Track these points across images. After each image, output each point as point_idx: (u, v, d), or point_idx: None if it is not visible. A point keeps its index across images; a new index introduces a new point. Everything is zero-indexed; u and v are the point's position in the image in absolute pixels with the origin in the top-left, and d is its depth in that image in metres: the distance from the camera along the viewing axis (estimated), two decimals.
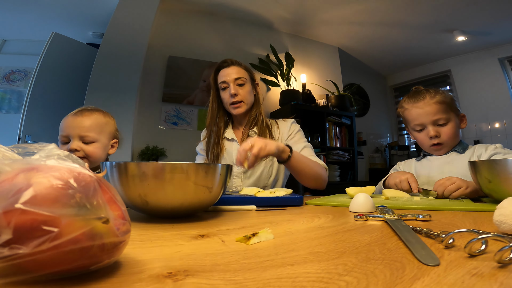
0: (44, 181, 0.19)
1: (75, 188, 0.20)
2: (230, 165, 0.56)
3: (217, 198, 0.53)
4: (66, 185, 0.20)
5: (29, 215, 0.17)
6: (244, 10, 3.06)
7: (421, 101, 1.01)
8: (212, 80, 1.21)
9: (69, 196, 0.19)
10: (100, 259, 0.20)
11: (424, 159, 1.08)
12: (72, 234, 0.18)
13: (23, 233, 0.17)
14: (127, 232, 0.23)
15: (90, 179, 0.21)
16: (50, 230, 0.18)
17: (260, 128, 1.16)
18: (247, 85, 1.16)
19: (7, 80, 3.18)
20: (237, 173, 1.15)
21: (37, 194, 0.18)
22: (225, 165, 0.52)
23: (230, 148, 1.18)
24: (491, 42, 3.51)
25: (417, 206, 0.62)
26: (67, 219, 0.18)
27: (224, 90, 1.16)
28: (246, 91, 1.15)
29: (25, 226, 0.17)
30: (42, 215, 0.18)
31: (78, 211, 0.19)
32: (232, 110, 1.15)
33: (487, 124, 3.67)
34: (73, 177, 0.20)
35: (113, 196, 0.23)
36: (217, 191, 0.51)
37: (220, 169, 0.50)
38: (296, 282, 0.21)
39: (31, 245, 0.17)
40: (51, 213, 0.18)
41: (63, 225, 0.18)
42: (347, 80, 3.89)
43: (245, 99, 1.14)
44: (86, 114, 0.97)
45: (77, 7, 2.87)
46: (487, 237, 0.27)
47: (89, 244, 0.19)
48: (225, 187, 0.54)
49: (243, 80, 1.15)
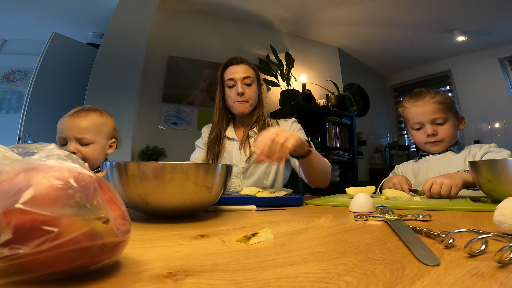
0: (44, 181, 0.19)
1: (75, 188, 0.20)
2: (230, 165, 0.56)
3: (217, 198, 0.53)
4: (66, 185, 0.20)
5: (29, 215, 0.17)
6: (244, 10, 3.06)
7: (421, 100, 1.03)
8: (219, 77, 1.19)
9: (69, 196, 0.19)
10: (100, 259, 0.20)
11: (421, 160, 1.09)
12: (72, 234, 0.18)
13: (23, 233, 0.17)
14: (127, 232, 0.23)
15: (90, 179, 0.21)
16: (50, 230, 0.18)
17: (261, 129, 1.14)
18: (253, 85, 1.15)
19: (7, 80, 3.18)
20: (236, 173, 1.14)
21: (37, 194, 0.18)
22: (225, 165, 0.52)
23: (230, 148, 1.18)
24: (491, 42, 3.51)
25: (417, 206, 0.62)
26: (67, 219, 0.18)
27: (231, 87, 1.15)
28: (253, 91, 1.15)
29: (25, 226, 0.17)
30: (42, 215, 0.18)
31: (78, 211, 0.19)
32: (236, 108, 1.13)
33: (487, 124, 3.67)
34: (73, 177, 0.20)
35: (113, 196, 0.23)
36: (217, 191, 0.51)
37: (220, 169, 0.50)
38: (296, 282, 0.21)
39: (31, 245, 0.17)
40: (51, 213, 0.18)
41: (63, 225, 0.18)
42: (347, 80, 3.89)
43: (250, 99, 1.14)
44: (83, 115, 0.96)
45: (77, 7, 2.87)
46: (487, 237, 0.27)
47: (89, 244, 0.19)
48: (225, 187, 0.54)
49: (251, 79, 1.14)
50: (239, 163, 1.15)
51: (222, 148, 1.16)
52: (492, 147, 0.97)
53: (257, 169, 1.15)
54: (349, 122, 3.30)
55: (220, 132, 1.17)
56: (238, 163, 1.15)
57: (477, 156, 0.97)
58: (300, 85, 3.26)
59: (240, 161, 1.15)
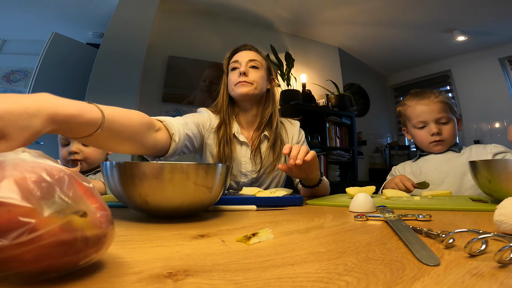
0: (17, 173, 0.19)
1: (48, 182, 0.20)
2: (230, 165, 0.56)
3: (217, 198, 0.53)
4: (39, 178, 0.20)
5: (6, 207, 0.17)
6: (244, 10, 3.06)
7: (426, 99, 1.03)
8: (225, 65, 1.02)
9: (43, 188, 0.19)
10: (87, 254, 0.20)
11: (420, 159, 1.09)
12: (49, 226, 0.18)
13: (0, 225, 0.17)
14: (110, 225, 0.23)
15: (62, 173, 0.21)
16: (27, 222, 0.18)
17: (274, 132, 0.99)
18: (261, 71, 0.97)
19: (7, 80, 3.18)
20: (245, 183, 1.00)
21: (11, 185, 0.18)
22: (225, 165, 0.52)
23: (240, 153, 0.99)
24: (491, 42, 3.51)
25: (417, 206, 0.62)
26: (43, 211, 0.18)
27: (234, 70, 0.97)
28: (259, 75, 0.96)
29: (2, 217, 0.17)
30: (18, 206, 0.18)
31: (53, 204, 0.19)
32: (237, 90, 0.94)
33: (487, 124, 3.67)
34: (45, 171, 0.20)
35: (89, 189, 0.23)
36: (217, 191, 0.51)
37: (220, 169, 0.50)
38: (296, 282, 0.21)
39: (10, 237, 0.17)
40: (26, 204, 0.18)
41: (39, 217, 0.18)
42: (347, 80, 3.89)
43: (255, 82, 0.94)
44: None
45: (77, 7, 2.87)
46: (487, 237, 0.27)
47: (69, 237, 0.19)
48: (225, 187, 0.54)
49: (258, 64, 0.96)
50: (249, 174, 0.99)
51: (233, 151, 0.96)
52: (499, 147, 0.96)
53: (267, 179, 1.01)
54: (349, 122, 3.31)
55: (229, 131, 0.97)
56: (248, 173, 0.99)
57: (484, 156, 0.95)
58: (300, 85, 3.26)
59: (251, 171, 0.99)
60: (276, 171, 1.01)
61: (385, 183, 1.01)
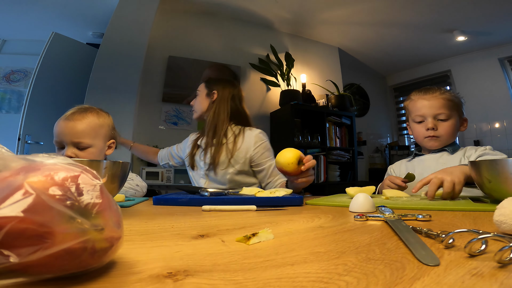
0: (42, 185, 0.19)
1: (73, 196, 0.19)
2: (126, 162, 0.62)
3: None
4: (65, 192, 0.19)
5: (24, 224, 0.17)
6: (244, 10, 3.06)
7: (429, 94, 1.02)
8: None
9: (67, 205, 0.19)
10: (89, 265, 0.20)
11: (416, 159, 1.09)
12: (66, 244, 0.18)
13: (15, 240, 0.17)
14: (119, 239, 0.22)
15: (92, 183, 0.21)
16: (44, 240, 0.17)
17: (218, 139, 1.22)
18: (201, 95, 1.31)
19: (7, 80, 3.17)
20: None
21: (33, 201, 0.17)
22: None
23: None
24: (491, 42, 3.51)
25: (417, 206, 0.62)
26: (63, 229, 0.18)
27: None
28: (198, 101, 1.32)
29: (18, 233, 0.17)
30: (37, 224, 0.17)
31: (75, 221, 0.19)
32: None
33: (487, 124, 3.67)
34: (73, 181, 0.20)
35: (110, 201, 0.23)
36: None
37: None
38: (296, 282, 0.21)
39: (22, 253, 0.16)
40: (47, 223, 0.17)
41: (58, 235, 0.18)
42: (347, 80, 3.88)
43: (195, 107, 1.34)
44: (78, 118, 0.92)
45: (77, 7, 2.87)
46: (487, 237, 0.27)
47: (82, 252, 0.19)
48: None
49: (199, 91, 1.33)
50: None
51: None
52: (488, 149, 0.97)
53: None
54: (349, 122, 3.30)
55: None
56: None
57: (471, 157, 0.96)
58: (300, 85, 3.26)
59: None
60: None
61: (378, 187, 1.01)
